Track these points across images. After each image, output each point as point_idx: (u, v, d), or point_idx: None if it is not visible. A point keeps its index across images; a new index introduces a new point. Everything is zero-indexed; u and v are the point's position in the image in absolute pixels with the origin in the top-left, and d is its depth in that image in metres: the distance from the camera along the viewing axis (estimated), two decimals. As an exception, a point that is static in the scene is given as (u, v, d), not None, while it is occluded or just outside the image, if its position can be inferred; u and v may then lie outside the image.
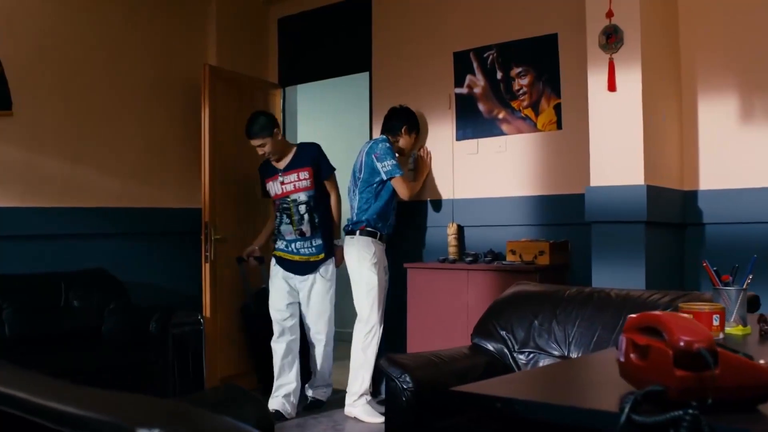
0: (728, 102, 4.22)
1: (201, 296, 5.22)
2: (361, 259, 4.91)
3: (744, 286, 2.38)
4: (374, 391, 5.07)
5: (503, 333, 3.17)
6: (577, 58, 4.70)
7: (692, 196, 4.29)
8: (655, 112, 4.09)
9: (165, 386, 4.75)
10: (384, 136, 5.11)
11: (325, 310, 5.03)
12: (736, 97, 4.20)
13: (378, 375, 5.13)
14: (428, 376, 2.76)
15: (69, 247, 5.12)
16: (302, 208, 4.93)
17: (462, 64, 5.20)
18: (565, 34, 4.77)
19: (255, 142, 4.94)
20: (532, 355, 3.07)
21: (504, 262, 4.64)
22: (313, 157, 5.02)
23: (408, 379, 2.69)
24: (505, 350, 3.12)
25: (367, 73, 5.73)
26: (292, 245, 4.97)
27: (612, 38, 4.06)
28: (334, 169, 5.08)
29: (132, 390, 1.28)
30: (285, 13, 6.30)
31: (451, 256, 5.00)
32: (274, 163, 5.05)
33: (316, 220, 4.94)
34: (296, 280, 4.99)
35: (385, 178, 4.95)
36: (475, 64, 5.14)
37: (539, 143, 4.89)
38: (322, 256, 4.97)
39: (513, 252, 4.68)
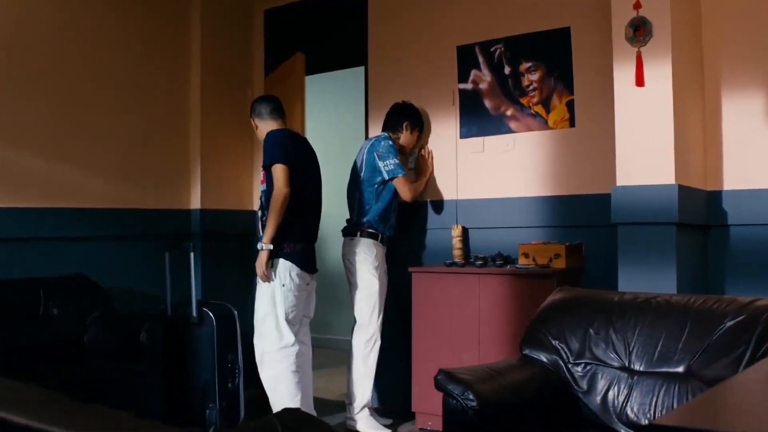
0: (752, 99, 4.05)
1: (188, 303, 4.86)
2: (363, 262, 4.65)
3: None
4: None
5: (555, 343, 2.94)
6: (591, 53, 4.53)
7: (716, 196, 4.12)
8: (683, 108, 3.91)
9: (154, 401, 4.41)
10: (386, 134, 4.86)
11: (266, 313, 4.31)
12: (761, 95, 4.04)
13: (378, 383, 4.88)
14: (489, 391, 2.52)
15: (47, 250, 4.74)
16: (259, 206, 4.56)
17: (466, 59, 4.97)
18: (578, 28, 4.57)
19: None
20: (589, 367, 2.85)
21: (518, 266, 4.41)
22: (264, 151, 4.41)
23: (471, 396, 2.44)
24: (560, 362, 2.90)
25: (362, 68, 5.46)
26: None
27: (640, 30, 3.87)
28: (274, 161, 4.30)
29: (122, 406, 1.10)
30: (272, 4, 6.00)
31: (457, 260, 4.76)
32: None
33: (264, 219, 4.36)
34: None
35: (386, 177, 4.70)
36: (480, 59, 4.91)
37: (550, 141, 4.68)
38: None
39: (526, 255, 4.46)
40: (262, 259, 4.19)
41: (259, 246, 4.25)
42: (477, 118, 4.92)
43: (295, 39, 5.89)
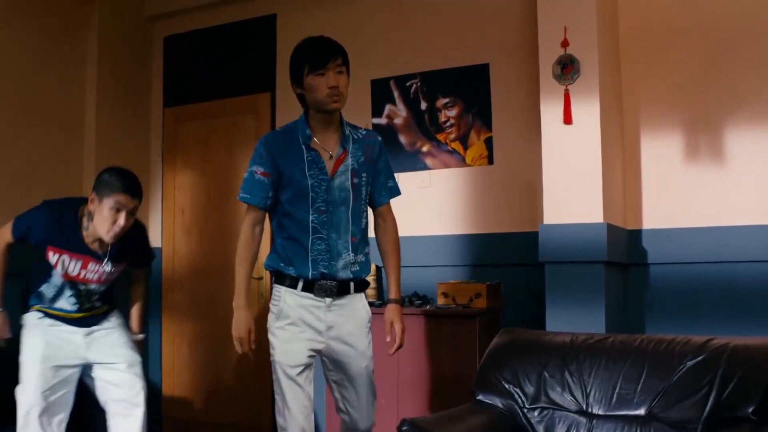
0: (670, 140, 4.10)
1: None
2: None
3: None
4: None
5: (509, 387, 2.81)
6: (511, 90, 4.50)
7: (636, 235, 4.14)
8: (609, 146, 3.92)
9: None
10: None
11: None
12: (680, 135, 4.09)
13: None
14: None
15: None
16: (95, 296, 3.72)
17: (381, 93, 4.84)
18: (497, 64, 4.54)
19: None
20: (546, 412, 2.73)
21: (438, 306, 4.28)
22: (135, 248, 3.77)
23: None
24: (515, 407, 2.76)
25: (268, 94, 5.26)
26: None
27: (568, 68, 3.86)
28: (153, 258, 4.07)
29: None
30: (172, 31, 5.72)
31: (372, 300, 4.57)
32: (86, 239, 3.51)
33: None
34: None
35: None
36: (396, 93, 4.80)
37: (468, 179, 4.61)
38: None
39: (445, 295, 4.33)
40: None
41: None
42: (391, 154, 4.74)
43: (197, 66, 5.63)
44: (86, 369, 3.70)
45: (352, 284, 2.99)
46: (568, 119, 3.85)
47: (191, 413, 5.46)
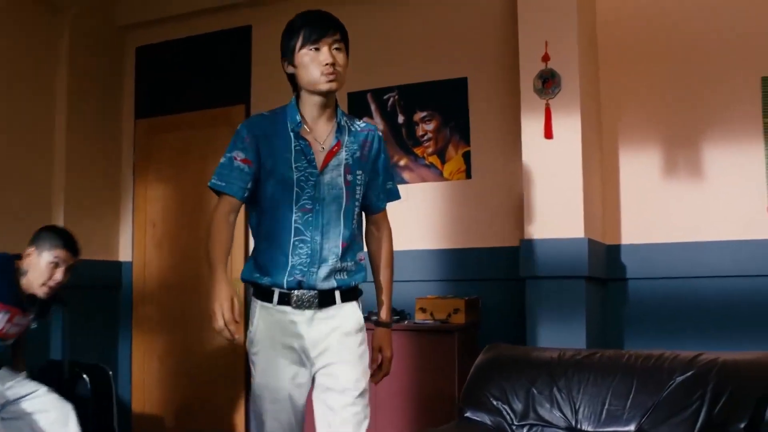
0: (649, 155, 4.12)
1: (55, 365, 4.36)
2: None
3: None
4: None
5: (498, 404, 2.78)
6: (489, 104, 4.49)
7: (615, 250, 4.14)
8: (589, 161, 3.92)
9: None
10: None
11: None
12: (658, 150, 4.11)
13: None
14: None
15: None
16: None
17: (357, 106, 4.81)
18: (475, 78, 4.53)
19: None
20: (535, 429, 2.70)
21: (416, 321, 4.24)
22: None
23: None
24: (504, 424, 2.73)
25: (243, 107, 5.20)
26: None
27: (549, 83, 3.87)
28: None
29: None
30: (145, 41, 5.63)
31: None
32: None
33: None
34: None
35: None
36: (372, 106, 4.77)
37: (446, 193, 4.58)
38: None
39: (423, 310, 4.30)
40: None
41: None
42: (369, 167, 4.75)
43: (170, 77, 5.55)
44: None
45: (337, 293, 2.50)
46: (549, 134, 3.86)
47: (162, 430, 5.35)
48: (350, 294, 2.56)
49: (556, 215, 3.82)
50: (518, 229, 4.19)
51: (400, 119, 4.69)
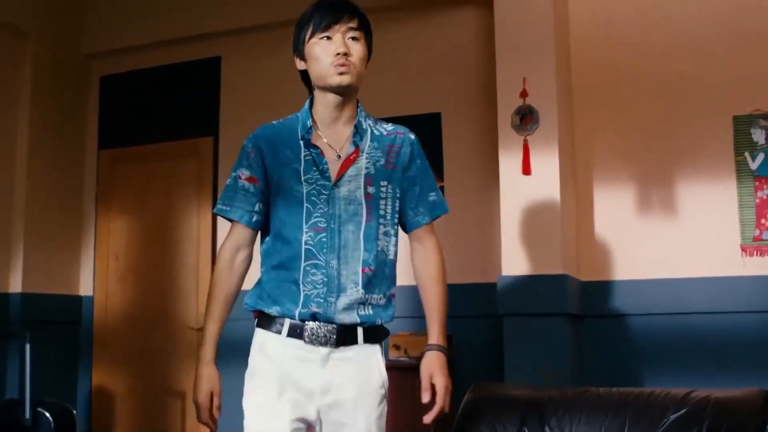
0: (623, 192, 4.14)
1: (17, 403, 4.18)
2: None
3: None
4: None
5: (490, 445, 2.72)
6: (463, 139, 4.50)
7: (589, 286, 4.13)
8: (566, 197, 3.93)
9: None
10: None
11: None
12: (632, 188, 4.13)
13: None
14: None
15: None
16: None
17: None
18: (449, 113, 4.54)
19: None
20: (528, 469, 2.65)
21: (390, 359, 4.18)
22: None
23: None
24: (497, 464, 2.68)
25: (211, 139, 5.12)
26: None
27: (527, 119, 3.87)
28: None
29: None
30: (110, 71, 5.52)
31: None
32: None
33: None
34: None
35: None
36: (345, 140, 4.72)
37: (419, 228, 4.53)
38: None
39: (397, 347, 4.26)
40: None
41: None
42: (340, 201, 4.69)
43: (135, 108, 5.45)
44: None
45: (360, 330, 2.13)
46: (527, 170, 3.85)
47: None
48: (375, 334, 2.19)
49: (535, 251, 3.80)
50: (492, 265, 4.18)
51: (373, 153, 4.65)
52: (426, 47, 4.63)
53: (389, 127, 2.29)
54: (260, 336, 2.17)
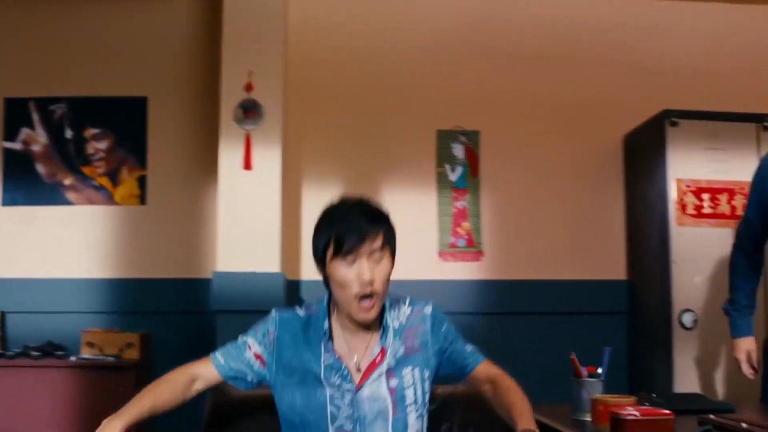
0: (332, 193, 4.22)
1: None
2: None
3: (603, 377, 2.37)
4: None
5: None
6: (172, 127, 4.31)
7: (295, 285, 4.15)
8: (290, 194, 3.92)
9: None
10: None
11: None
12: (341, 190, 4.23)
13: None
14: None
15: None
16: None
17: (17, 114, 4.25)
18: (157, 99, 4.29)
19: None
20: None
21: (84, 357, 3.84)
22: None
23: None
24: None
25: None
26: None
27: (250, 113, 3.80)
28: None
29: None
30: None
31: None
32: None
33: None
34: None
35: None
36: (35, 117, 4.25)
37: (117, 218, 4.23)
38: None
39: (91, 345, 3.92)
40: None
41: None
42: (26, 185, 4.21)
43: None
44: None
45: None
46: (248, 165, 3.78)
47: None
48: None
49: (253, 248, 3.74)
50: (205, 261, 4.04)
51: (68, 134, 4.24)
52: (138, 26, 4.32)
53: (407, 309, 2.05)
54: None
